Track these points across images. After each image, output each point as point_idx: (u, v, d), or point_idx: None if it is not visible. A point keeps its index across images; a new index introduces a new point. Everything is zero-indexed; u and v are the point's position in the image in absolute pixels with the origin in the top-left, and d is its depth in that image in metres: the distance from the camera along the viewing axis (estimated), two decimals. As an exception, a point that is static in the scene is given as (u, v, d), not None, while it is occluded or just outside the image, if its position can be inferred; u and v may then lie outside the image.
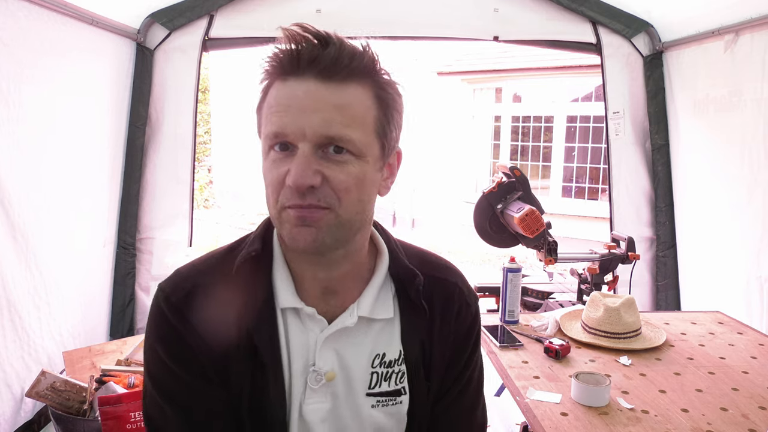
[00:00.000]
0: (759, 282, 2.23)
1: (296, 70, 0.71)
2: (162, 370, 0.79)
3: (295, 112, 0.70)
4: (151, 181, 2.87)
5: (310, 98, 0.70)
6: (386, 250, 0.86)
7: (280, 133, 0.71)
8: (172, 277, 0.82)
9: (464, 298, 0.90)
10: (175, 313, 0.78)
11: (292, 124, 0.70)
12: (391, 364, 0.83)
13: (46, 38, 2.13)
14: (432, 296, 0.86)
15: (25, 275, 2.10)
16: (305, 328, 0.81)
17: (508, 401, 1.45)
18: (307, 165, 0.70)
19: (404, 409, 0.84)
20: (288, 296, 0.80)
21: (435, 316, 0.86)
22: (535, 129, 7.60)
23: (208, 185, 10.43)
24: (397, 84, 0.78)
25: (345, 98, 0.71)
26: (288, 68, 0.72)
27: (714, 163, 2.56)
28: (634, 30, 2.85)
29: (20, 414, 2.16)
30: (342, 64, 0.71)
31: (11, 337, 2.06)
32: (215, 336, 0.78)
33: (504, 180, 2.36)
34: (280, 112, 0.71)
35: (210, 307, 0.78)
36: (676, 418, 1.32)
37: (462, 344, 0.90)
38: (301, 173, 0.69)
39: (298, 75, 0.71)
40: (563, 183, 7.32)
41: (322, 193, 0.71)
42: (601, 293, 1.91)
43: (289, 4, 2.78)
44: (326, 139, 0.70)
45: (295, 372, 0.80)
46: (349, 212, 0.74)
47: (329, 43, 0.70)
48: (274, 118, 0.72)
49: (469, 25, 2.91)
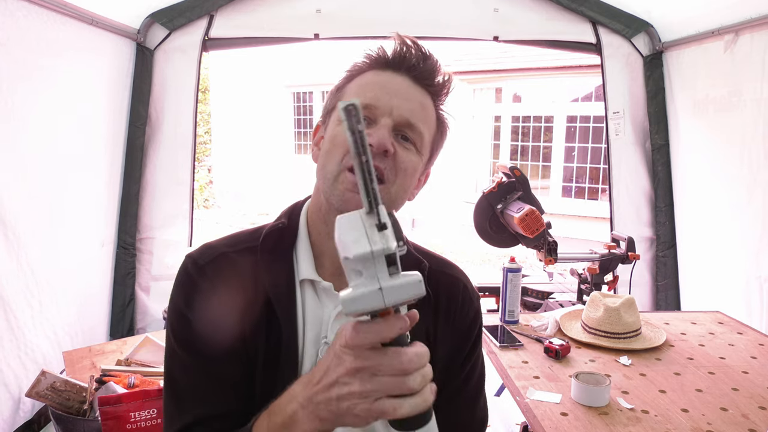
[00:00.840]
0: (758, 282, 2.23)
1: (397, 67, 0.84)
2: (181, 321, 0.83)
3: (390, 92, 0.82)
4: (151, 181, 2.87)
5: (404, 88, 0.83)
6: None
7: (370, 105, 0.81)
8: (200, 247, 0.89)
9: (468, 294, 0.94)
10: (200, 274, 0.84)
11: (383, 100, 0.81)
12: None
13: (45, 38, 2.12)
14: (437, 288, 0.89)
15: (17, 274, 2.09)
16: (320, 302, 0.85)
17: (508, 401, 1.45)
18: (388, 133, 0.80)
19: None
20: (308, 268, 0.85)
21: (440, 307, 0.90)
22: (535, 129, 7.59)
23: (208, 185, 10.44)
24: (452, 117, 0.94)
25: (425, 101, 0.85)
26: (392, 64, 0.84)
27: (714, 163, 2.56)
28: (634, 30, 2.85)
29: (19, 414, 2.15)
30: (432, 79, 0.86)
31: (8, 337, 2.06)
32: (236, 299, 0.82)
33: (504, 180, 2.36)
34: (376, 89, 0.82)
35: (234, 272, 0.84)
36: (676, 418, 1.32)
37: (463, 339, 0.92)
38: (385, 136, 0.79)
39: (395, 70, 0.84)
40: (563, 183, 7.32)
41: (387, 163, 0.80)
42: (601, 293, 1.91)
43: (289, 4, 2.78)
44: (406, 122, 0.82)
45: (308, 341, 0.83)
46: (397, 192, 0.82)
47: (429, 59, 0.85)
48: (369, 91, 0.82)
49: (469, 25, 2.91)
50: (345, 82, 0.87)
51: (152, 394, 1.90)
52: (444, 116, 0.91)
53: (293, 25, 2.80)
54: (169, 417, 0.83)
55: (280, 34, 2.84)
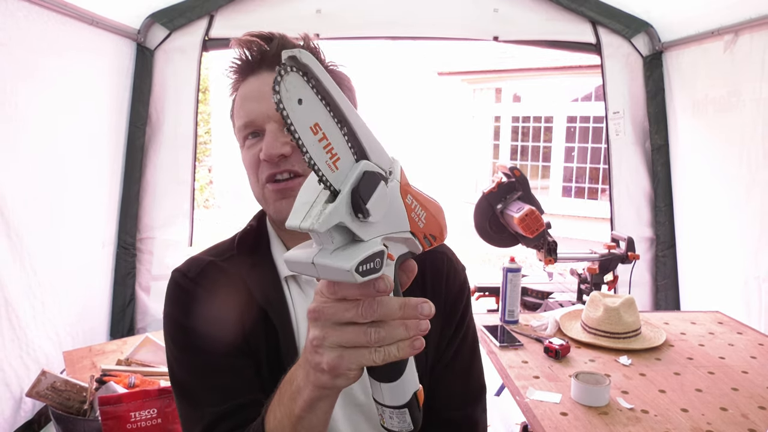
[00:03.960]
0: (757, 282, 2.23)
1: (252, 69, 0.82)
2: (182, 331, 0.84)
3: (257, 99, 0.81)
4: (151, 181, 2.87)
5: (266, 85, 0.80)
6: None
7: (248, 122, 0.82)
8: (186, 261, 0.90)
9: (452, 265, 0.96)
10: (194, 284, 0.86)
11: (255, 110, 0.81)
12: None
13: (45, 38, 2.12)
14: (423, 264, 0.89)
15: (20, 274, 2.09)
16: (306, 295, 0.88)
17: (508, 401, 1.45)
18: (275, 138, 0.79)
19: None
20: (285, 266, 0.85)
21: (426, 282, 0.92)
22: (535, 129, 7.60)
23: (208, 185, 10.43)
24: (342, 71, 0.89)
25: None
26: (245, 70, 0.83)
27: (713, 163, 2.56)
28: (633, 30, 2.85)
29: (20, 413, 2.16)
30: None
31: (9, 337, 2.06)
32: (232, 303, 0.84)
33: (504, 180, 2.36)
34: (245, 105, 0.82)
35: (225, 279, 0.86)
36: (676, 418, 1.32)
37: (452, 309, 0.93)
38: (271, 144, 0.79)
39: (254, 72, 0.82)
40: (563, 183, 7.32)
41: (295, 160, 0.80)
42: (601, 293, 1.92)
43: (289, 4, 2.78)
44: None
45: (302, 335, 0.84)
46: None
47: (273, 39, 0.81)
48: (242, 111, 0.82)
49: (469, 25, 2.91)
50: (232, 108, 0.88)
51: (152, 394, 1.90)
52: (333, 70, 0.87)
53: (293, 25, 2.80)
54: (188, 421, 0.83)
55: (280, 34, 2.84)
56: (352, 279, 0.47)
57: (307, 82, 0.45)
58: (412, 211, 0.56)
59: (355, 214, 0.48)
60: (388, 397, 0.57)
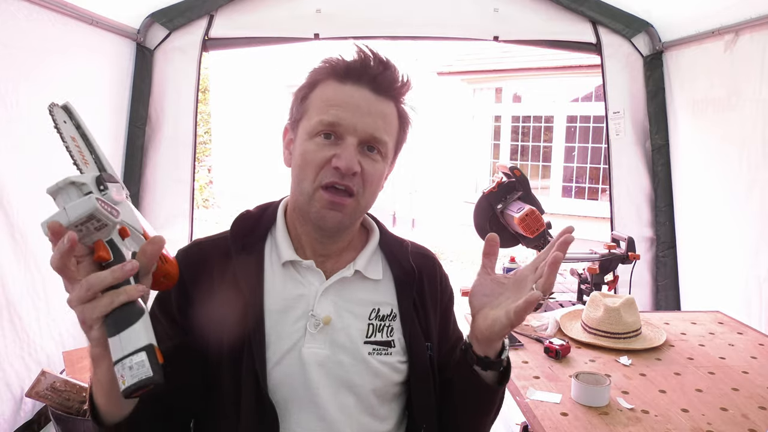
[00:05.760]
0: (758, 281, 2.23)
1: (357, 79, 0.87)
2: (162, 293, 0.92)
3: (352, 109, 0.86)
4: (151, 181, 2.87)
5: (366, 103, 0.87)
6: (376, 227, 1.04)
7: (335, 123, 0.86)
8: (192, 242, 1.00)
9: (441, 270, 1.08)
10: (182, 257, 0.94)
11: (347, 119, 0.86)
12: (384, 318, 0.96)
13: (46, 38, 2.12)
14: (419, 266, 1.01)
15: (24, 275, 2.09)
16: (305, 280, 0.94)
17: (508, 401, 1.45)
18: (354, 154, 0.86)
19: (394, 360, 0.94)
20: (288, 251, 0.94)
21: (423, 278, 1.01)
22: (535, 129, 7.60)
23: (208, 185, 10.43)
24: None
25: (386, 110, 0.90)
26: (352, 74, 0.87)
27: (713, 163, 2.56)
28: (634, 30, 2.85)
29: (20, 414, 2.15)
30: (393, 87, 0.90)
31: (11, 337, 2.06)
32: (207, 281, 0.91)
33: (504, 180, 2.36)
34: (339, 107, 0.86)
35: (210, 257, 0.94)
36: (676, 418, 1.32)
37: (446, 308, 1.06)
38: (351, 159, 0.85)
39: (356, 83, 0.87)
40: (563, 183, 7.32)
41: (356, 180, 0.87)
42: (601, 293, 1.92)
43: (289, 4, 2.78)
44: (371, 138, 0.87)
45: (290, 318, 0.91)
46: (367, 200, 0.91)
47: (389, 68, 0.89)
48: (332, 110, 0.86)
49: (469, 25, 2.90)
50: (308, 90, 0.91)
51: (152, 394, 1.90)
52: (405, 112, 0.95)
53: (293, 25, 2.80)
54: None
55: (280, 34, 2.84)
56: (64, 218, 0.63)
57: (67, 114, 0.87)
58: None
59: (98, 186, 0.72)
60: (126, 343, 0.65)
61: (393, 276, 0.99)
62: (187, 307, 0.90)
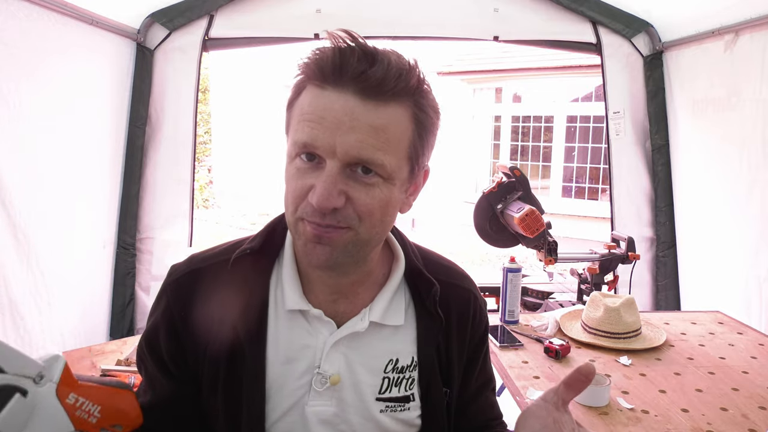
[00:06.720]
0: (758, 281, 2.23)
1: (338, 81, 0.66)
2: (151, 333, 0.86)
3: (330, 126, 0.66)
4: (151, 181, 2.87)
5: (347, 115, 0.66)
6: (402, 256, 0.85)
7: (309, 144, 0.67)
8: (184, 260, 0.88)
9: (478, 303, 0.91)
10: (173, 289, 0.84)
11: (324, 138, 0.66)
12: (403, 369, 0.82)
13: (46, 38, 2.12)
14: (448, 303, 0.85)
15: (26, 275, 2.10)
16: (313, 329, 0.80)
17: (508, 401, 1.45)
18: (332, 185, 0.66)
19: (412, 416, 0.83)
20: (295, 298, 0.79)
21: (451, 323, 0.85)
22: (535, 129, 7.60)
23: (208, 185, 10.43)
24: (435, 101, 0.74)
25: (382, 120, 0.67)
26: (329, 77, 0.67)
27: (713, 163, 2.56)
28: (634, 30, 2.85)
29: (20, 414, 2.15)
30: (387, 86, 0.66)
31: (13, 337, 2.06)
32: (202, 323, 0.80)
33: (504, 180, 2.36)
34: (314, 122, 0.67)
35: (205, 288, 0.82)
36: (676, 418, 1.32)
37: (478, 347, 0.91)
38: (326, 195, 0.66)
39: (337, 86, 0.66)
40: (563, 183, 7.32)
41: (343, 214, 0.68)
42: (601, 293, 1.92)
43: (289, 4, 2.78)
44: (356, 160, 0.67)
45: (294, 372, 0.79)
46: (369, 233, 0.71)
47: (376, 61, 0.66)
48: (306, 127, 0.67)
49: (469, 25, 2.90)
50: (293, 96, 0.72)
51: (152, 394, 1.90)
52: (423, 107, 0.71)
53: (293, 25, 2.80)
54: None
55: (280, 34, 2.84)
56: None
57: None
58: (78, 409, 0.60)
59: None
60: None
61: (416, 317, 0.83)
62: (178, 356, 0.81)
